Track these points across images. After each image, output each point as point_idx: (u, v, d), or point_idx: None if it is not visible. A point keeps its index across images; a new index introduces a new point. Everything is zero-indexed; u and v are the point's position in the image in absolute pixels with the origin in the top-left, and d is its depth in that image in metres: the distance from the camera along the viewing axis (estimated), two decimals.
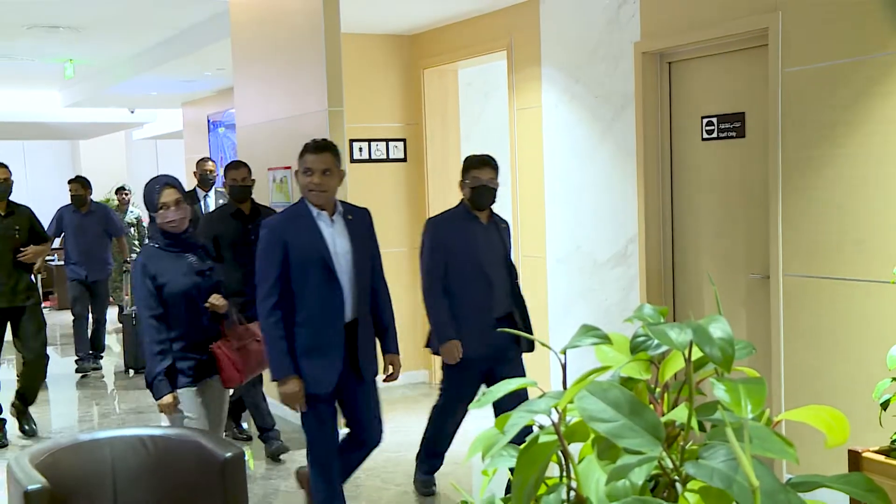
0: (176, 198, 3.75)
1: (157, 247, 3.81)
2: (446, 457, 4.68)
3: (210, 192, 7.32)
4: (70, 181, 8.32)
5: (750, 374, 0.99)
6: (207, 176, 7.28)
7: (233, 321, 3.92)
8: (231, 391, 4.24)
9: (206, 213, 6.40)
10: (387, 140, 7.10)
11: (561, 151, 5.86)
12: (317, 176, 3.72)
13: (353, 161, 6.90)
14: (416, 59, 7.16)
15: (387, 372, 3.95)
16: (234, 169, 5.41)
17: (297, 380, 3.69)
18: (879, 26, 3.92)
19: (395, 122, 7.14)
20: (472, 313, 4.27)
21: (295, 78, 5.95)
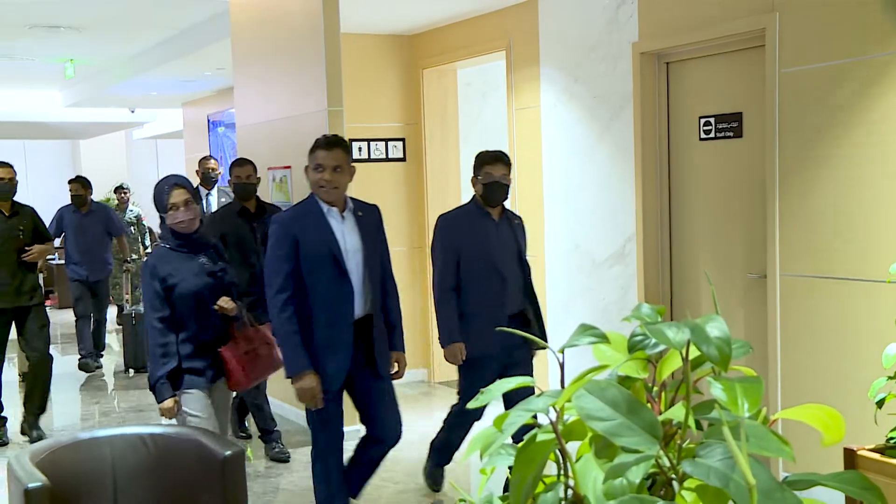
0: (185, 198, 3.71)
1: (167, 247, 3.77)
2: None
3: (213, 191, 7.33)
4: (70, 181, 8.33)
5: (747, 373, 0.98)
6: (210, 174, 7.29)
7: (243, 323, 3.87)
8: (234, 394, 4.23)
9: (211, 212, 6.39)
10: (386, 140, 7.12)
11: (559, 151, 5.88)
12: (328, 172, 3.69)
13: (353, 161, 6.91)
14: (416, 59, 7.18)
15: (392, 370, 3.91)
16: (238, 166, 5.36)
17: (313, 375, 3.61)
18: (876, 27, 3.94)
19: (394, 122, 7.15)
20: (484, 310, 4.20)
21: (295, 78, 5.97)
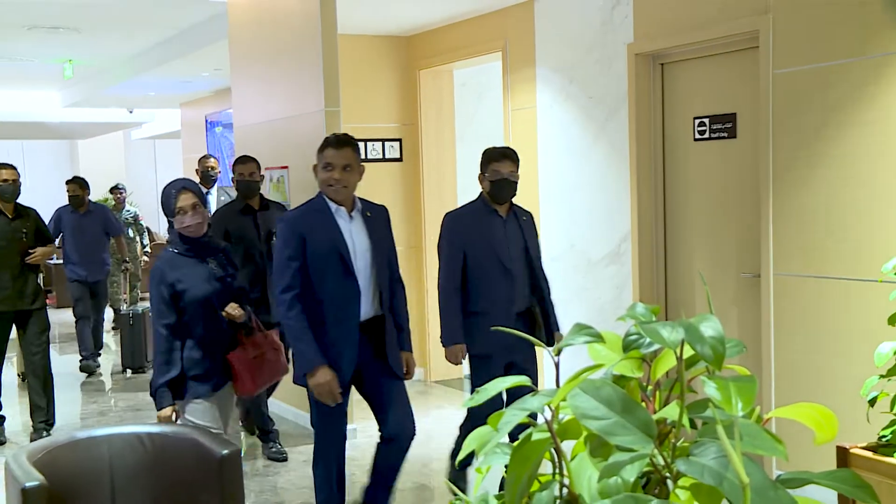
0: (193, 202, 3.66)
1: (175, 252, 3.71)
2: (439, 455, 4.70)
3: (212, 190, 7.34)
4: (67, 182, 8.30)
5: (741, 372, 0.99)
6: (209, 173, 7.30)
7: (252, 328, 3.81)
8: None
9: (214, 210, 6.38)
10: (383, 140, 7.14)
11: (555, 151, 5.91)
12: (337, 171, 3.64)
13: None
14: (412, 59, 7.21)
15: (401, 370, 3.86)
16: (241, 163, 5.34)
17: (328, 368, 3.56)
18: (868, 30, 3.96)
19: (391, 123, 7.18)
20: (491, 308, 4.18)
21: (292, 78, 5.99)
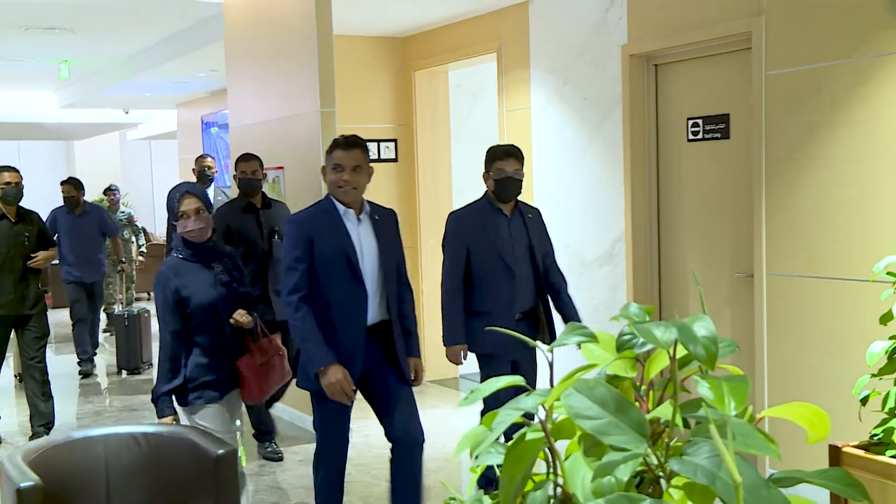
0: (196, 206, 3.62)
1: (180, 258, 3.67)
2: (435, 455, 4.72)
3: (209, 189, 7.35)
4: (62, 183, 8.27)
5: (734, 371, 0.99)
6: (206, 172, 7.30)
7: (257, 334, 3.78)
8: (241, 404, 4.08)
9: (216, 208, 6.39)
10: (378, 140, 7.16)
11: (550, 152, 5.92)
12: (347, 172, 3.60)
13: None
14: (408, 60, 7.22)
15: (409, 376, 3.82)
16: (244, 161, 5.35)
17: (339, 367, 3.51)
18: (859, 32, 3.99)
19: (386, 123, 7.20)
20: (493, 308, 4.16)
21: (288, 79, 6.00)
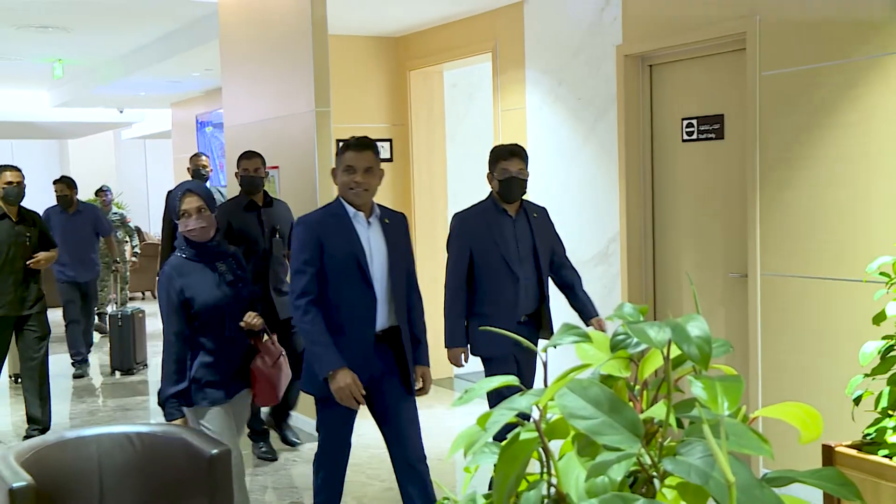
0: (198, 205, 3.57)
1: (183, 257, 3.61)
2: (429, 454, 4.69)
3: None
4: (55, 182, 8.17)
5: (727, 371, 0.99)
6: (201, 171, 7.27)
7: (265, 335, 3.74)
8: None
9: (218, 206, 6.35)
10: (373, 140, 7.14)
11: (545, 152, 5.93)
12: (359, 174, 3.54)
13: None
14: (403, 60, 7.22)
15: (417, 385, 3.73)
16: (246, 159, 5.31)
17: (348, 371, 3.44)
18: (853, 33, 4.00)
19: (381, 123, 7.19)
20: (494, 311, 4.11)
21: (283, 79, 5.99)
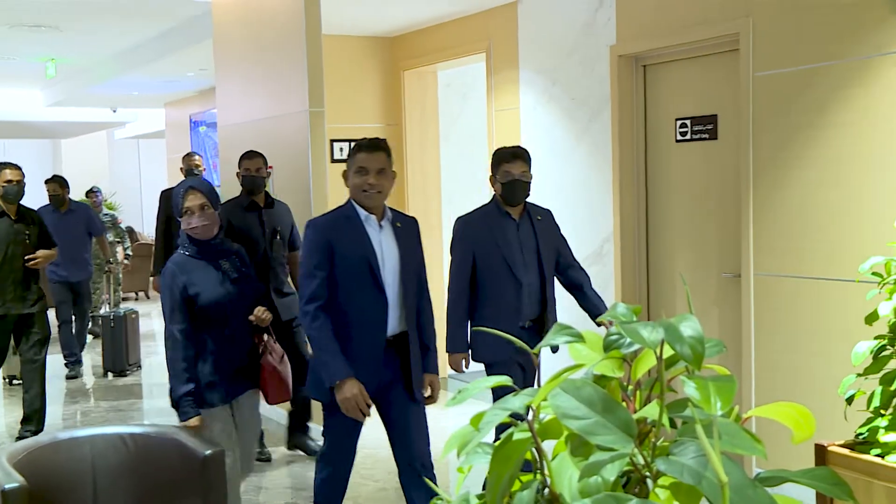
0: (201, 202, 3.53)
1: (186, 255, 3.57)
2: None
3: None
4: (47, 181, 8.10)
5: (720, 371, 1.00)
6: (194, 171, 7.24)
7: (271, 332, 3.70)
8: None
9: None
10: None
11: (539, 152, 5.92)
12: (372, 175, 3.48)
13: (334, 161, 6.95)
14: (397, 60, 7.22)
15: (426, 393, 3.66)
16: (248, 159, 5.25)
17: (355, 381, 3.39)
18: (845, 34, 4.01)
19: (375, 123, 7.19)
20: (498, 316, 4.04)
21: (276, 79, 5.99)
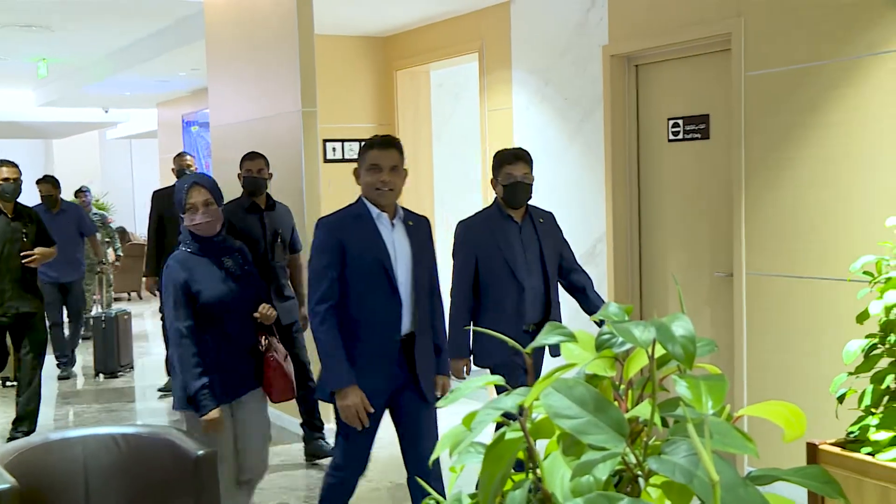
0: (205, 198, 3.47)
1: (188, 251, 3.51)
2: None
3: None
4: (39, 182, 8.06)
5: (712, 371, 1.00)
6: (185, 171, 7.22)
7: (274, 331, 3.66)
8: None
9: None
10: (360, 140, 7.14)
11: (531, 152, 5.90)
12: (385, 173, 3.43)
13: (327, 161, 6.95)
14: (389, 60, 7.22)
15: (438, 394, 3.61)
16: (249, 160, 5.20)
17: (357, 390, 3.36)
18: (836, 34, 4.03)
19: (367, 123, 7.19)
20: (500, 320, 3.98)
21: (269, 78, 5.98)
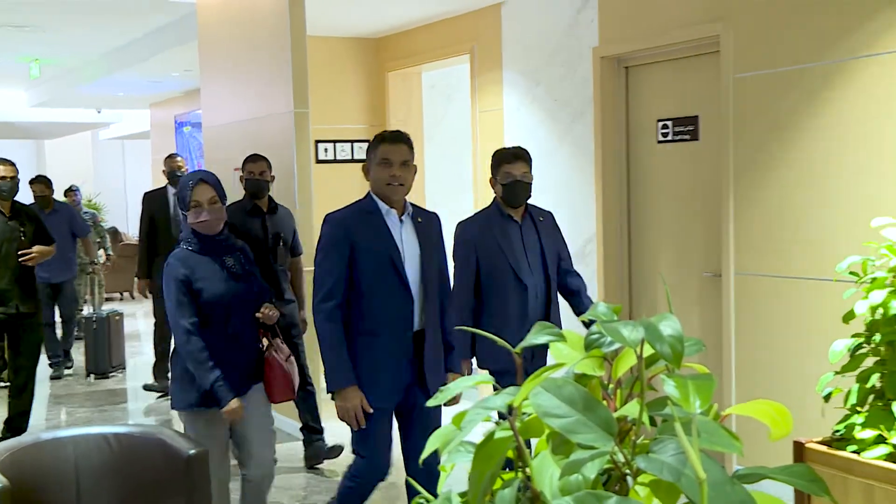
0: (210, 196, 3.41)
1: (189, 250, 3.45)
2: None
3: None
4: (32, 182, 8.04)
5: (699, 370, 1.01)
6: (176, 172, 7.20)
7: (276, 331, 3.63)
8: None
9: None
10: (351, 141, 7.17)
11: None
12: (396, 168, 3.37)
13: (319, 161, 6.97)
14: (381, 61, 7.24)
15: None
16: (251, 162, 5.16)
17: (357, 390, 3.34)
18: (824, 36, 4.06)
19: (359, 124, 7.21)
20: (503, 324, 3.94)
21: (261, 79, 6.00)
